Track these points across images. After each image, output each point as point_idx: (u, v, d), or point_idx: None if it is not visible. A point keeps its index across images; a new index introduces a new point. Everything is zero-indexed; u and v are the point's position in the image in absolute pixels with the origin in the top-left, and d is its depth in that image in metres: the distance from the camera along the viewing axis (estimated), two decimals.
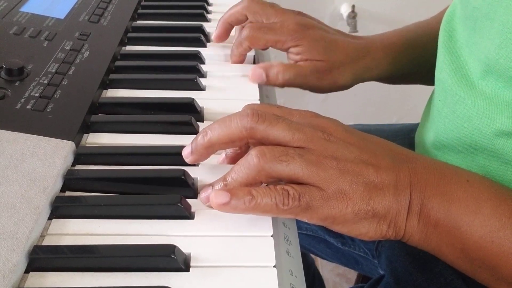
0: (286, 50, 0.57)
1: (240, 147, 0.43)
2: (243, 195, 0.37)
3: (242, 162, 0.38)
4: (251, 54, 0.60)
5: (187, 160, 0.41)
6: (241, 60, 0.59)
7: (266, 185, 0.38)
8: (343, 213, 0.37)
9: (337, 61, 0.58)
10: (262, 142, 0.39)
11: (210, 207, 0.39)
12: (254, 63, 0.60)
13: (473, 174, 0.42)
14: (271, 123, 0.38)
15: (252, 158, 0.37)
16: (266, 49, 0.62)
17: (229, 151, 0.44)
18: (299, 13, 0.59)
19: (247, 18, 0.59)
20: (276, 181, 0.39)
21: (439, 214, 0.39)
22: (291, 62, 0.58)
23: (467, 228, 0.39)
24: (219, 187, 0.39)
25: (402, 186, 0.39)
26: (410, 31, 0.65)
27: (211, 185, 0.40)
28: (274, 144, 0.39)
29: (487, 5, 0.44)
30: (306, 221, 0.38)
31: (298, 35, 0.56)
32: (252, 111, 0.39)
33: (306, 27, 0.57)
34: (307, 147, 0.38)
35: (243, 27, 0.60)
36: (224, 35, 0.61)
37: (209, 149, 0.40)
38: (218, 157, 0.45)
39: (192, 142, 0.41)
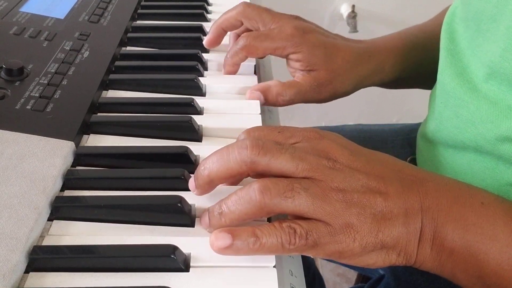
0: (286, 56, 0.55)
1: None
2: (247, 236, 0.34)
3: (242, 194, 0.35)
4: (252, 63, 0.58)
5: (194, 193, 0.39)
6: (235, 70, 0.56)
7: (268, 220, 0.37)
8: (350, 247, 0.35)
9: (338, 68, 0.56)
10: (263, 175, 0.37)
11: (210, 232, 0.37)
12: (254, 72, 0.58)
13: (488, 195, 0.40)
14: (273, 156, 0.36)
15: (254, 193, 0.35)
16: (264, 57, 0.62)
17: None
18: (297, 18, 0.57)
19: (242, 24, 0.57)
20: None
21: (453, 242, 0.37)
22: (291, 70, 0.56)
23: (484, 256, 0.37)
24: (216, 215, 0.36)
25: (412, 214, 0.37)
26: (411, 34, 0.64)
27: (208, 210, 0.38)
28: (277, 175, 0.36)
29: (492, 8, 0.44)
30: (311, 256, 0.36)
31: (297, 40, 0.54)
32: (251, 142, 0.36)
33: (305, 32, 0.55)
34: (312, 177, 0.36)
35: (236, 34, 0.59)
36: (216, 40, 0.59)
37: (210, 184, 0.38)
38: None
39: (194, 175, 0.39)
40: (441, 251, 0.37)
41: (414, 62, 0.62)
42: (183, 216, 0.38)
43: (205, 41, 0.60)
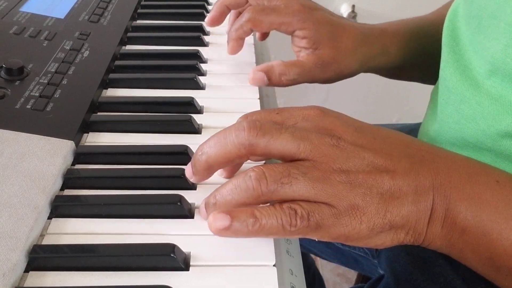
0: (292, 33, 0.54)
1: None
2: (246, 217, 0.33)
3: (238, 183, 0.34)
4: (252, 62, 0.58)
5: (191, 180, 0.39)
6: (239, 45, 0.55)
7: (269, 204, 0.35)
8: (357, 230, 0.34)
9: (343, 46, 0.55)
10: (264, 157, 0.36)
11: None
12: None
13: (503, 173, 0.38)
14: (272, 136, 0.34)
15: (250, 181, 0.33)
16: (267, 35, 0.60)
17: None
18: None
19: (247, 1, 0.56)
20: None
21: (466, 220, 0.36)
22: (295, 49, 0.55)
23: (497, 236, 0.36)
24: (212, 206, 0.36)
25: (422, 191, 0.35)
26: (414, 22, 0.64)
27: (204, 201, 0.37)
28: (278, 157, 0.35)
29: (493, 4, 0.44)
30: (316, 239, 0.35)
31: (303, 16, 0.53)
32: (248, 123, 0.34)
33: (311, 8, 0.54)
34: (314, 159, 0.34)
35: (237, 12, 0.58)
36: (219, 18, 0.57)
37: (208, 170, 0.37)
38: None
39: (191, 161, 0.38)
40: (453, 230, 0.36)
41: (418, 48, 0.62)
42: (183, 215, 0.38)
43: (207, 18, 0.58)
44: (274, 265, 0.35)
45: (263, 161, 0.39)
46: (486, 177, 0.37)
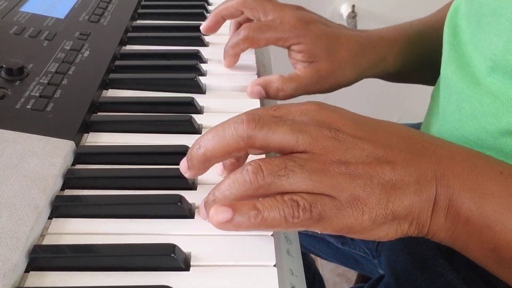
0: (288, 47, 0.55)
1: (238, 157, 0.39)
2: (248, 209, 0.33)
3: (236, 177, 0.34)
4: (252, 63, 0.58)
5: (185, 175, 0.38)
6: (235, 60, 0.56)
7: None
8: (360, 221, 0.34)
9: (340, 58, 0.55)
10: (262, 151, 0.36)
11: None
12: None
13: (507, 165, 0.38)
14: (271, 128, 0.34)
15: (247, 174, 0.33)
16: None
17: (227, 161, 0.40)
18: (298, 8, 0.57)
19: (242, 13, 0.56)
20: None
21: (470, 211, 0.35)
22: (292, 61, 0.56)
23: (501, 227, 0.35)
24: (211, 203, 0.35)
25: (425, 181, 0.35)
26: (413, 26, 0.63)
27: (203, 201, 0.37)
28: (276, 151, 0.35)
29: (494, 1, 0.43)
30: (319, 232, 0.35)
31: (299, 31, 0.53)
32: (247, 116, 0.34)
33: (307, 22, 0.54)
34: (312, 151, 0.34)
35: (237, 22, 0.59)
36: (214, 27, 0.58)
37: (206, 164, 0.37)
38: (217, 168, 0.42)
39: (187, 156, 0.37)
40: (456, 221, 0.36)
41: (416, 54, 0.62)
42: (183, 215, 0.38)
43: (203, 26, 0.59)
44: (274, 265, 0.35)
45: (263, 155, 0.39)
46: (490, 168, 0.37)
